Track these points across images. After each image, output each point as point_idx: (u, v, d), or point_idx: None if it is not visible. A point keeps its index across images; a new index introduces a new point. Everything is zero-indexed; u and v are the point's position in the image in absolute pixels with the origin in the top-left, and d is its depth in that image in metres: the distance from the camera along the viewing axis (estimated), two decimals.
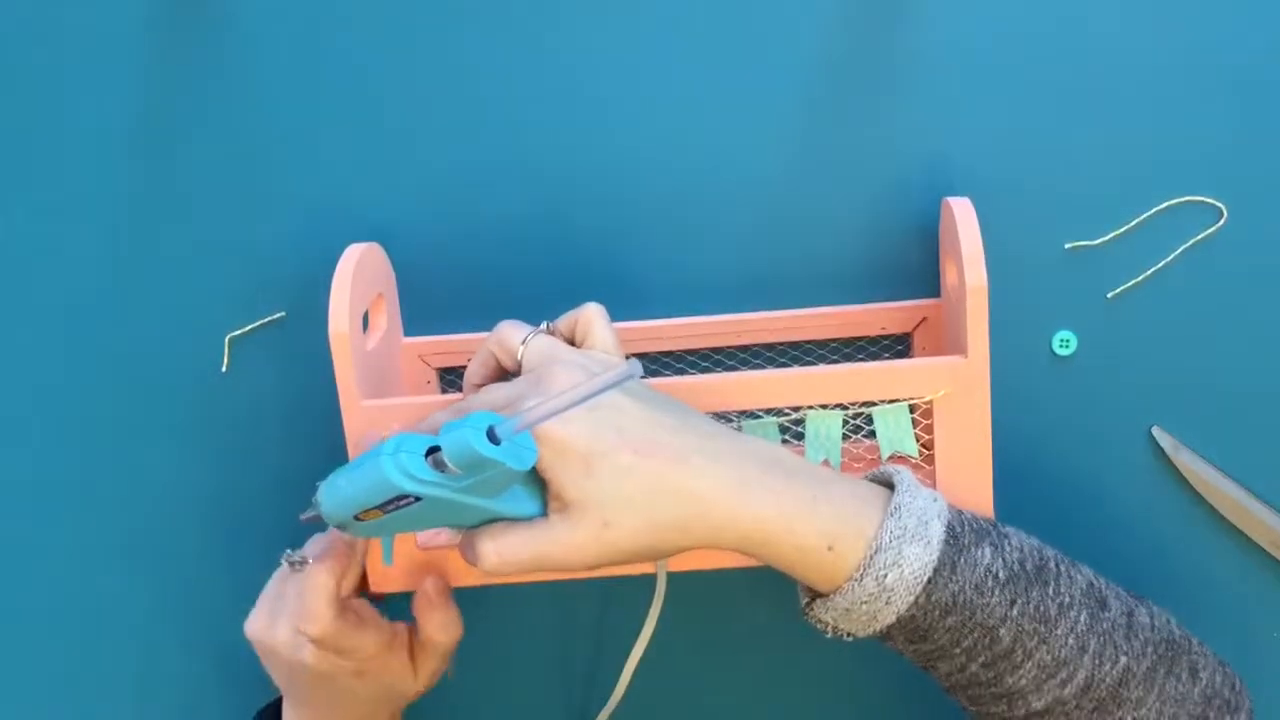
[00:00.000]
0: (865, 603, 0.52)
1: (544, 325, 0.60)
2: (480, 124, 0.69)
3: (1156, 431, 0.69)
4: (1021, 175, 0.67)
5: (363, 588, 0.64)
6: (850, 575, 0.52)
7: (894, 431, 0.62)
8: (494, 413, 0.50)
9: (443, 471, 0.48)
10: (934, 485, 0.61)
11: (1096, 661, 0.53)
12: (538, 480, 0.53)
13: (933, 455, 0.61)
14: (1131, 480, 0.69)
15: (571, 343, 0.59)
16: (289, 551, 0.60)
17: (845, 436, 0.63)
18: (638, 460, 0.51)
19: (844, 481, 0.54)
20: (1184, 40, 0.66)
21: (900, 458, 0.63)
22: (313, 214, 0.70)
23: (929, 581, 0.51)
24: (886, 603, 0.51)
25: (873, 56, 0.67)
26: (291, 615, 0.59)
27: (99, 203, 0.71)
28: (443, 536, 0.63)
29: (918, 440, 0.62)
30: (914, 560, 0.51)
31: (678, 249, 0.70)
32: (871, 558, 0.51)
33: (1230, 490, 0.68)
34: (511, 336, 0.58)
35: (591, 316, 0.59)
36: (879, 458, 0.63)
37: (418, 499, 0.49)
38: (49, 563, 0.75)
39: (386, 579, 0.64)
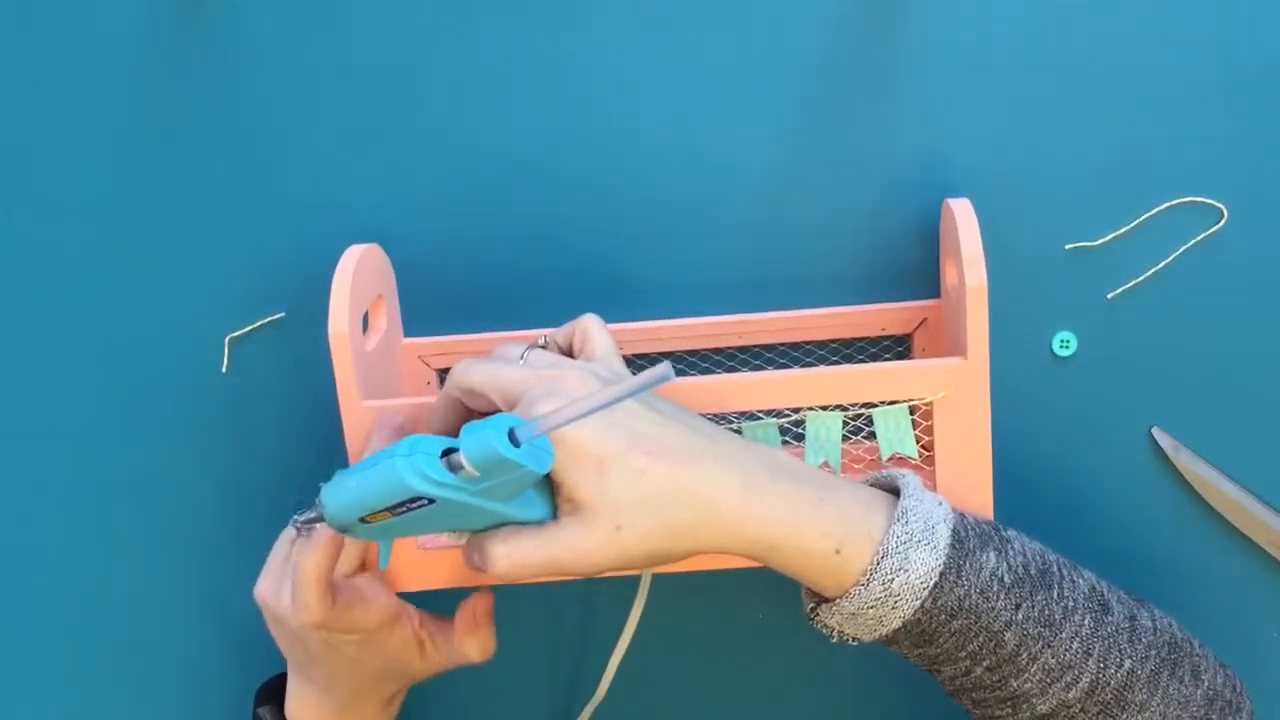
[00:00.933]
0: (872, 607, 0.52)
1: (541, 339, 0.60)
2: (480, 125, 0.69)
3: (1156, 431, 0.69)
4: (1021, 175, 0.67)
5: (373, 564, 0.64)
6: (857, 580, 0.52)
7: (894, 433, 0.62)
8: (515, 416, 0.49)
9: (457, 473, 0.48)
10: (934, 486, 0.61)
11: (1101, 665, 0.53)
12: (547, 484, 0.53)
13: (933, 456, 0.61)
14: (1131, 480, 0.69)
15: (569, 353, 0.59)
16: (296, 516, 0.60)
17: (845, 438, 0.63)
18: (650, 463, 0.51)
19: (848, 485, 0.54)
20: (1184, 40, 0.65)
21: (900, 459, 0.63)
22: (313, 214, 0.70)
23: (935, 586, 0.51)
24: (893, 607, 0.52)
25: (873, 57, 0.67)
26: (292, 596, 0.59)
27: (99, 203, 0.71)
28: (442, 539, 0.63)
29: (918, 441, 0.62)
30: (920, 565, 0.51)
31: (677, 249, 0.70)
32: (879, 562, 0.51)
33: (1230, 490, 0.69)
34: (509, 353, 0.58)
35: (589, 326, 0.59)
36: (879, 459, 0.63)
37: (430, 501, 0.49)
38: (48, 562, 0.75)
39: (399, 579, 0.63)
